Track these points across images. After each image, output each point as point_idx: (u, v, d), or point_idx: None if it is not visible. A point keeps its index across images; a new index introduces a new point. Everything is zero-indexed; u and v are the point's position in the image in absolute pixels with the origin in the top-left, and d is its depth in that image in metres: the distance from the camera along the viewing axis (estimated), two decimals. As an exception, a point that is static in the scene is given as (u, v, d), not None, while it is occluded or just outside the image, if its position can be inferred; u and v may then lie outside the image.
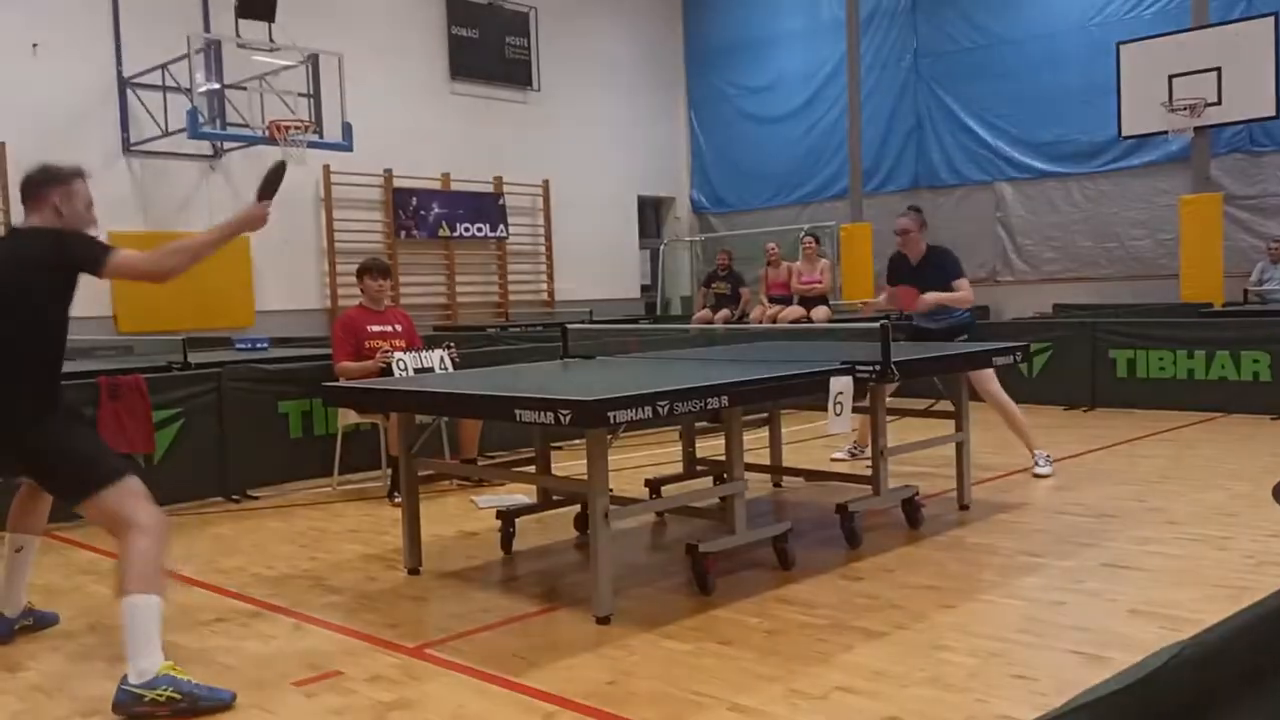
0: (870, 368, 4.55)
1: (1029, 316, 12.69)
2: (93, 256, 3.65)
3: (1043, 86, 14.39)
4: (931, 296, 6.44)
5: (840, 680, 3.19)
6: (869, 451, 6.86)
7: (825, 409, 4.40)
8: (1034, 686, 3.10)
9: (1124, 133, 12.91)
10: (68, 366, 7.19)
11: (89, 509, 3.47)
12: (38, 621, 4.04)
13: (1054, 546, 4.68)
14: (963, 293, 6.53)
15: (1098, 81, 13.62)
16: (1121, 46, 12.74)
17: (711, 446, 6.24)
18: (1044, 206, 14.70)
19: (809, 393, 4.41)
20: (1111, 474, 6.33)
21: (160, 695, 3.13)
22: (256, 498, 6.59)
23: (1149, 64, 12.35)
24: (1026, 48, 14.52)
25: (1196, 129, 12.16)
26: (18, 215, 11.04)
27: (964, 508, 5.48)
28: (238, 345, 9.22)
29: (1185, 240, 12.24)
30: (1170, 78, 12.11)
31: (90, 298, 11.47)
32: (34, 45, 11.40)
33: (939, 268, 6.58)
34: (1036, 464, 6.44)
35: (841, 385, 4.38)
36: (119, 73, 12.00)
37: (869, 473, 5.20)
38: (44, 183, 3.81)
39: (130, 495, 3.43)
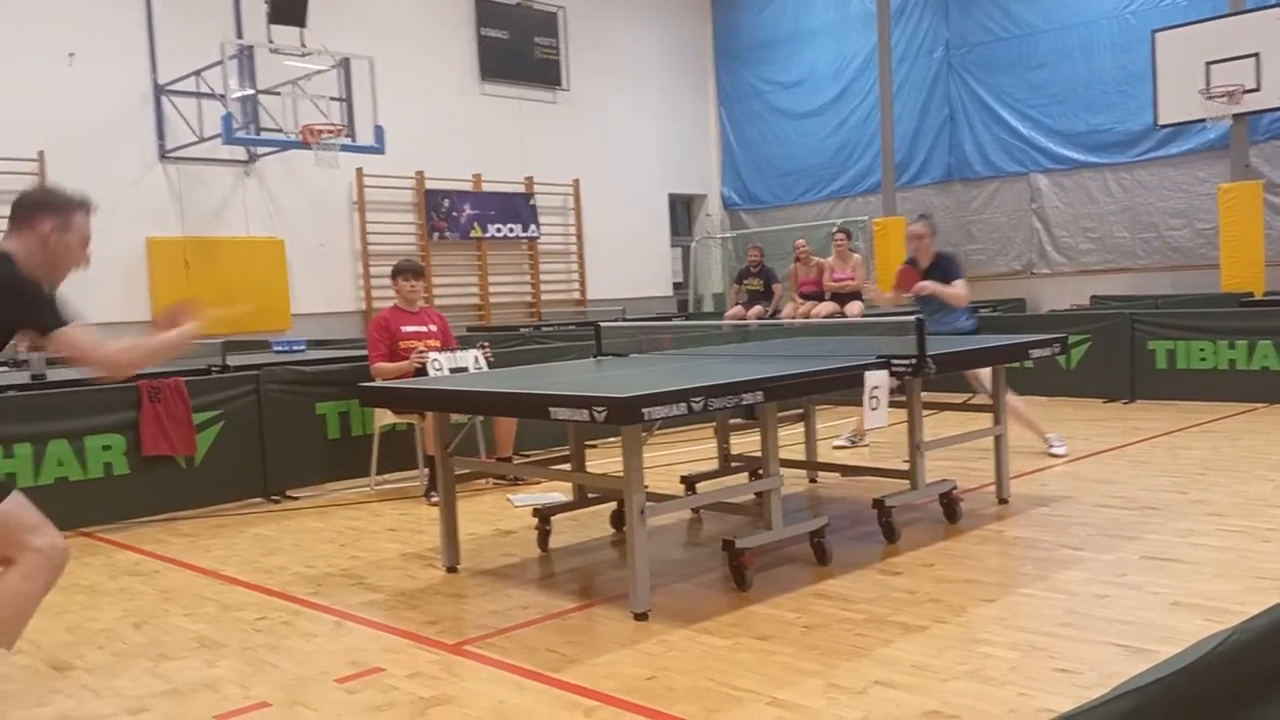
0: (906, 362, 4.53)
1: (1066, 309, 12.56)
2: (41, 321, 3.12)
3: (1077, 76, 14.25)
4: (931, 285, 6.75)
5: (880, 675, 3.18)
6: (868, 440, 6.96)
7: (860, 404, 4.38)
8: (1077, 680, 3.07)
9: (1160, 121, 12.75)
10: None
11: None
12: None
13: (1095, 539, 4.63)
14: (957, 290, 6.80)
15: (1133, 70, 13.47)
16: (1157, 34, 12.58)
17: (746, 443, 6.24)
18: (1080, 197, 14.54)
19: (845, 388, 4.39)
20: (1152, 466, 6.26)
21: None
22: (296, 498, 6.66)
23: (1185, 51, 12.18)
24: (1060, 37, 14.37)
25: (1235, 116, 11.98)
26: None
27: (1003, 501, 5.44)
28: (275, 348, 9.32)
29: (1225, 229, 12.06)
30: (1207, 64, 11.94)
31: (128, 301, 11.74)
32: (70, 55, 11.59)
33: (942, 271, 6.88)
34: (1052, 446, 6.74)
35: (877, 380, 4.36)
36: (154, 80, 12.17)
37: (905, 467, 5.16)
38: (40, 205, 3.26)
39: (18, 521, 2.97)
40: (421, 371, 6.28)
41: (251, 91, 11.87)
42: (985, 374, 6.27)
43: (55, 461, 5.83)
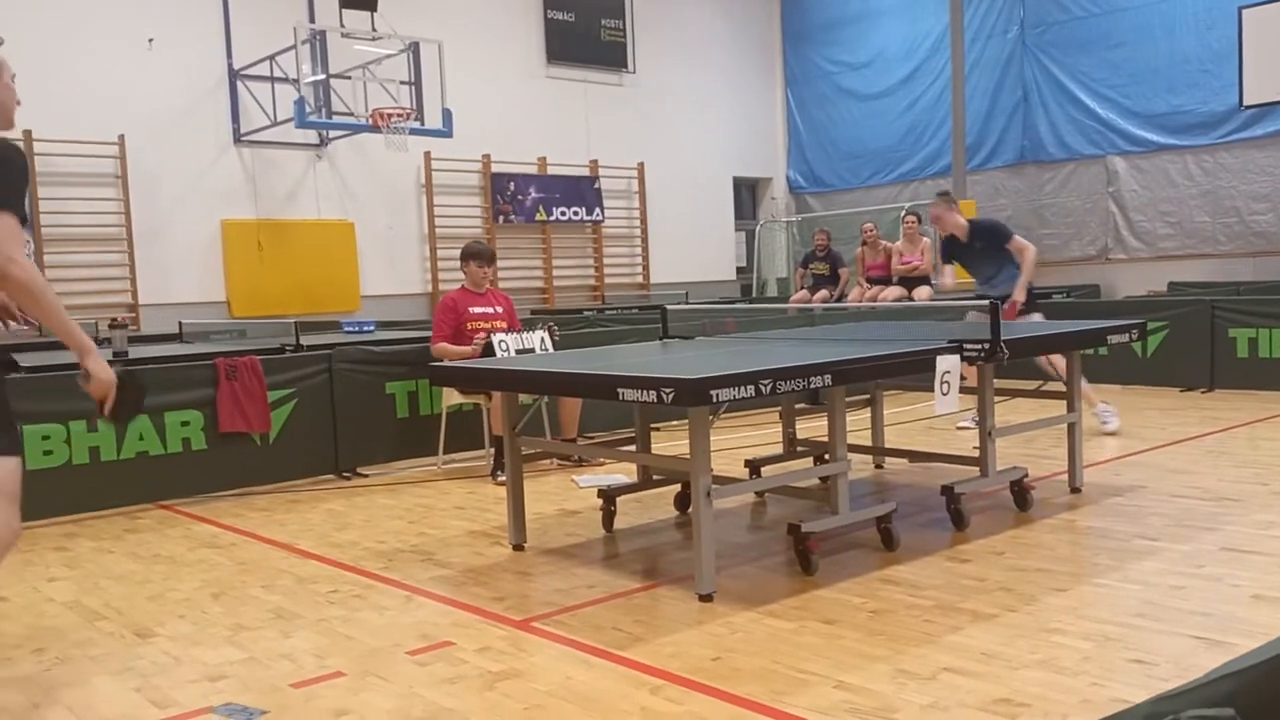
0: (978, 346, 4.46)
1: (1143, 295, 12.26)
2: None
3: (1158, 55, 13.84)
4: (1018, 294, 6.78)
5: (948, 661, 3.15)
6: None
7: (928, 389, 4.33)
8: (1152, 671, 3.01)
9: (1245, 102, 12.36)
10: (187, 349, 7.47)
11: None
12: None
13: (1171, 530, 4.53)
14: (1027, 254, 6.87)
15: (1217, 49, 13.04)
16: (1244, 11, 12.17)
17: (811, 428, 6.20)
18: (1159, 181, 14.15)
19: (914, 372, 4.34)
20: (1231, 457, 6.09)
21: None
22: (366, 475, 6.78)
23: (1273, 28, 11.78)
24: (1141, 15, 13.97)
25: (1325, 96, 11.57)
26: (140, 205, 11.58)
27: (1075, 490, 5.34)
28: (345, 328, 9.48)
29: (1312, 214, 11.66)
30: (1296, 42, 11.54)
31: (203, 282, 12.02)
32: (149, 40, 11.86)
33: (991, 237, 6.96)
34: (1105, 422, 6.89)
35: (948, 364, 4.30)
36: (229, 65, 12.40)
37: (975, 454, 5.09)
38: None
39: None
40: (488, 352, 6.34)
41: (323, 76, 12.03)
42: (1059, 359, 6.23)
43: (136, 436, 6.00)
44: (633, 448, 5.32)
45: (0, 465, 2.95)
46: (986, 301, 4.92)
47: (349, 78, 11.93)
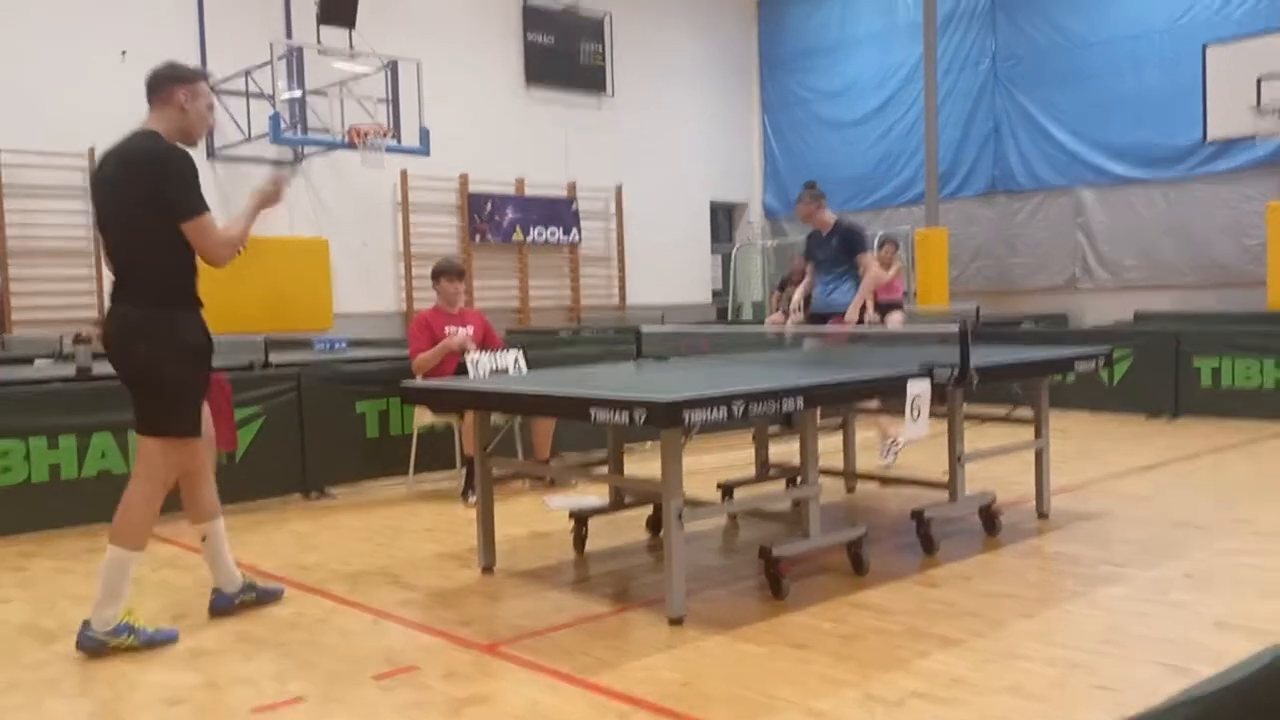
0: (948, 371, 4.49)
1: (1109, 324, 12.40)
2: (186, 205, 3.69)
3: (1125, 89, 14.09)
4: (850, 314, 6.64)
5: (917, 687, 3.15)
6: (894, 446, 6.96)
7: (899, 414, 4.35)
8: (1117, 698, 3.02)
9: (1210, 137, 12.59)
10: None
11: (152, 445, 3.82)
12: (260, 597, 4.22)
13: (1136, 556, 4.56)
14: (868, 273, 6.68)
15: (1183, 84, 13.29)
16: (1208, 48, 12.42)
17: (783, 452, 6.21)
18: (1125, 212, 14.37)
19: (885, 396, 4.36)
20: (1196, 484, 6.15)
21: (122, 642, 3.69)
22: (334, 495, 6.71)
23: (1237, 65, 12.02)
24: (1109, 49, 14.22)
25: (1287, 132, 11.80)
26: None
27: (1043, 516, 5.37)
28: (317, 346, 9.41)
29: (1272, 246, 11.88)
30: (1259, 80, 11.77)
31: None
32: (123, 52, 11.79)
33: (844, 240, 6.77)
34: (885, 453, 6.91)
35: (919, 389, 4.33)
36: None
37: (945, 479, 5.11)
38: (172, 79, 3.87)
39: (179, 458, 3.88)
40: (462, 370, 6.32)
41: (299, 92, 12.02)
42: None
43: (99, 454, 5.91)
44: (605, 469, 5.30)
45: (170, 446, 3.85)
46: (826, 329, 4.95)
47: (325, 94, 11.92)
